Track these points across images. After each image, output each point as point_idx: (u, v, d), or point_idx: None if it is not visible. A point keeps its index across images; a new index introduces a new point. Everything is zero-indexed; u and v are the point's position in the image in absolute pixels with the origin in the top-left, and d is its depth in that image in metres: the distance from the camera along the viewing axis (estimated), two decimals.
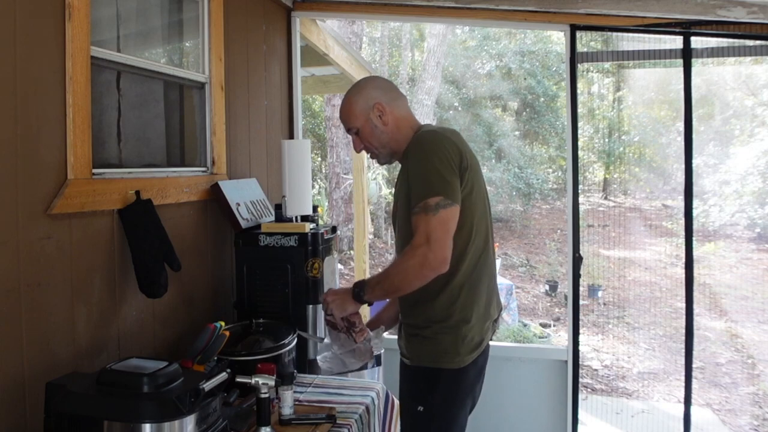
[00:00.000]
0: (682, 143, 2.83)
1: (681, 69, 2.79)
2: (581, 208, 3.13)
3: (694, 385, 3.01)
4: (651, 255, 8.87)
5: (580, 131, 3.00)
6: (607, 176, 10.69)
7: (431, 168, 1.61)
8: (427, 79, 10.38)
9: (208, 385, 1.36)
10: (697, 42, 2.78)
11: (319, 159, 11.53)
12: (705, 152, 9.21)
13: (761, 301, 7.09)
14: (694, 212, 2.97)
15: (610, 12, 2.74)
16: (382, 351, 2.56)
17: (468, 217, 1.66)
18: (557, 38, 11.18)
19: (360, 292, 1.68)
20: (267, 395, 1.61)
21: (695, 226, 2.96)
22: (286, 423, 1.70)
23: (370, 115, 1.76)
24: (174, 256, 1.89)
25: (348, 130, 1.83)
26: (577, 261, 2.89)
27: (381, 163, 1.90)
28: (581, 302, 2.99)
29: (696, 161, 3.82)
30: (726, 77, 9.37)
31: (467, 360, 1.68)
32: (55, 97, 1.57)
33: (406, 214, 1.67)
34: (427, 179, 1.60)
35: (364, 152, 1.88)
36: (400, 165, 1.83)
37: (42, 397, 1.37)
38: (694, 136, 2.82)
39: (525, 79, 11.74)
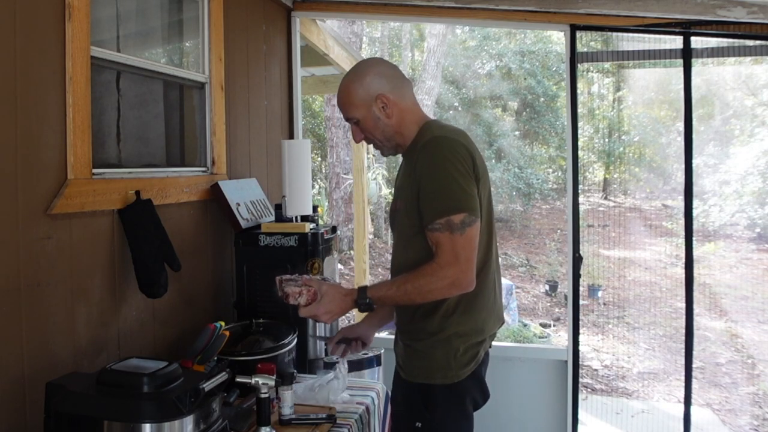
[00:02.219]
0: (682, 143, 2.83)
1: (681, 69, 2.79)
2: (581, 208, 3.13)
3: (694, 385, 3.01)
4: (651, 255, 8.87)
5: (580, 131, 3.00)
6: (607, 176, 10.69)
7: (451, 180, 1.50)
8: (427, 79, 10.38)
9: (208, 385, 1.36)
10: (697, 42, 2.78)
11: (319, 159, 11.53)
12: (705, 152, 9.22)
13: (761, 301, 7.09)
14: (694, 212, 2.97)
15: (610, 12, 2.73)
16: (382, 351, 2.57)
17: None
18: (557, 38, 11.18)
19: (367, 305, 1.56)
20: (267, 395, 1.61)
21: (695, 226, 2.96)
22: (286, 423, 1.70)
23: (373, 107, 1.61)
24: (174, 256, 1.89)
25: (347, 119, 1.68)
26: (577, 261, 2.88)
27: (384, 155, 1.78)
28: (581, 302, 2.98)
29: (696, 161, 3.82)
30: (726, 77, 9.37)
31: (462, 374, 1.59)
32: (55, 97, 1.57)
33: (411, 215, 1.59)
34: (448, 193, 1.50)
35: (365, 152, 1.84)
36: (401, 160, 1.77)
37: (42, 397, 1.37)
38: (694, 136, 2.82)
39: (525, 79, 11.73)
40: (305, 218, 2.37)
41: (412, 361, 1.63)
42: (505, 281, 5.96)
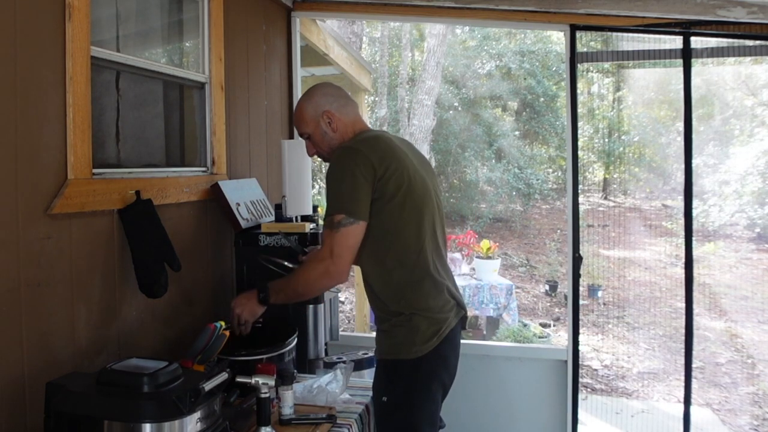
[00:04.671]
0: (682, 143, 2.83)
1: (681, 69, 2.79)
2: (581, 208, 3.13)
3: (694, 385, 3.01)
4: (651, 255, 8.86)
5: (580, 131, 3.00)
6: (607, 176, 10.67)
7: (339, 185, 1.73)
8: (427, 79, 10.37)
9: (208, 385, 1.36)
10: (697, 42, 2.78)
11: (319, 159, 11.49)
12: (705, 152, 9.21)
13: (761, 301, 7.09)
14: (694, 212, 2.97)
15: (610, 12, 2.74)
16: None
17: (393, 221, 1.75)
18: (557, 38, 11.17)
19: (266, 296, 1.84)
20: (267, 395, 1.61)
21: (695, 226, 2.95)
22: (286, 423, 1.70)
23: (320, 122, 1.87)
24: (174, 256, 1.89)
25: (301, 135, 1.94)
26: (577, 261, 2.88)
27: None
28: (581, 302, 2.98)
29: (696, 161, 3.82)
30: (726, 77, 9.37)
31: (424, 349, 1.74)
32: (55, 97, 1.57)
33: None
34: (335, 196, 1.74)
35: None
36: None
37: (42, 397, 1.37)
38: (693, 136, 2.82)
39: (525, 79, 11.72)
40: (305, 218, 2.37)
41: (380, 341, 1.82)
42: (505, 281, 5.96)
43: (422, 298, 1.76)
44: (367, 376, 2.46)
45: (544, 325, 6.64)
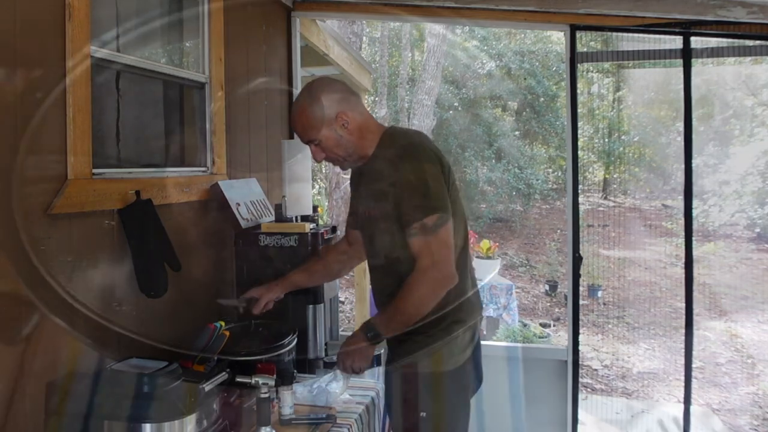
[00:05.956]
0: (682, 143, 2.83)
1: (681, 69, 2.79)
2: (581, 208, 3.13)
3: (694, 385, 3.01)
4: (651, 255, 8.86)
5: (580, 131, 3.00)
6: (607, 176, 10.67)
7: (424, 184, 1.60)
8: (427, 79, 10.37)
9: (208, 385, 1.36)
10: (697, 42, 2.78)
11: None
12: (705, 152, 9.22)
13: (761, 301, 7.09)
14: (694, 212, 2.98)
15: (610, 12, 2.74)
16: (383, 351, 2.56)
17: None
18: (557, 38, 11.17)
19: (375, 336, 1.65)
20: (267, 395, 1.61)
21: (695, 226, 2.96)
22: (286, 423, 1.70)
23: (334, 126, 1.66)
24: (174, 256, 1.89)
25: (308, 141, 1.71)
26: (577, 261, 2.88)
27: (344, 169, 1.83)
28: (581, 302, 2.98)
29: (696, 161, 3.82)
30: (726, 77, 9.37)
31: (462, 359, 1.69)
32: (55, 97, 1.57)
33: (388, 220, 1.65)
34: (422, 197, 1.59)
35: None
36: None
37: (42, 397, 1.37)
38: (693, 136, 2.82)
39: (525, 79, 11.72)
40: (305, 218, 2.37)
41: (416, 354, 1.69)
42: (505, 281, 5.96)
43: (464, 302, 1.69)
44: (367, 376, 2.46)
45: (544, 325, 6.64)
